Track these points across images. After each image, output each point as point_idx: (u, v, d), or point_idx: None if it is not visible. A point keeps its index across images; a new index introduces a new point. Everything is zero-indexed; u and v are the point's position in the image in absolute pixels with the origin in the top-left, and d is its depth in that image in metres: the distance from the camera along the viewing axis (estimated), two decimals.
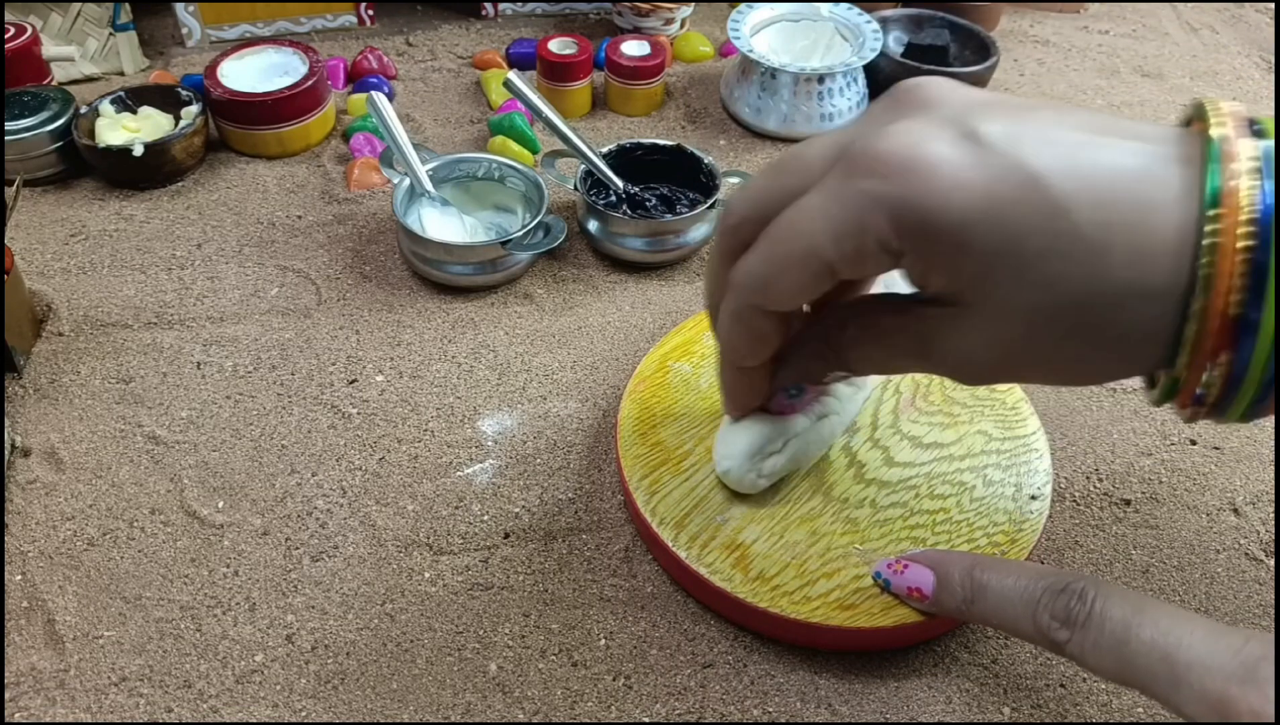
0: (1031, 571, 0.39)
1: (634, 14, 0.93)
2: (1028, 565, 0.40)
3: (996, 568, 0.40)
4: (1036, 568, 0.40)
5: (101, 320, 0.64)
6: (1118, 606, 0.34)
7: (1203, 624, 0.31)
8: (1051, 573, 0.38)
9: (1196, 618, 0.32)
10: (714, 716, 0.45)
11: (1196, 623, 0.32)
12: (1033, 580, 0.38)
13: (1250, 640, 0.29)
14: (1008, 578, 0.39)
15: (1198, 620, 0.32)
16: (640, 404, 0.56)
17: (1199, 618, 0.32)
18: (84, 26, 0.86)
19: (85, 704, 0.45)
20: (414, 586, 0.50)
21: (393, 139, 0.68)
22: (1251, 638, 0.29)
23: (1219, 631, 0.31)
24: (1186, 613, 0.32)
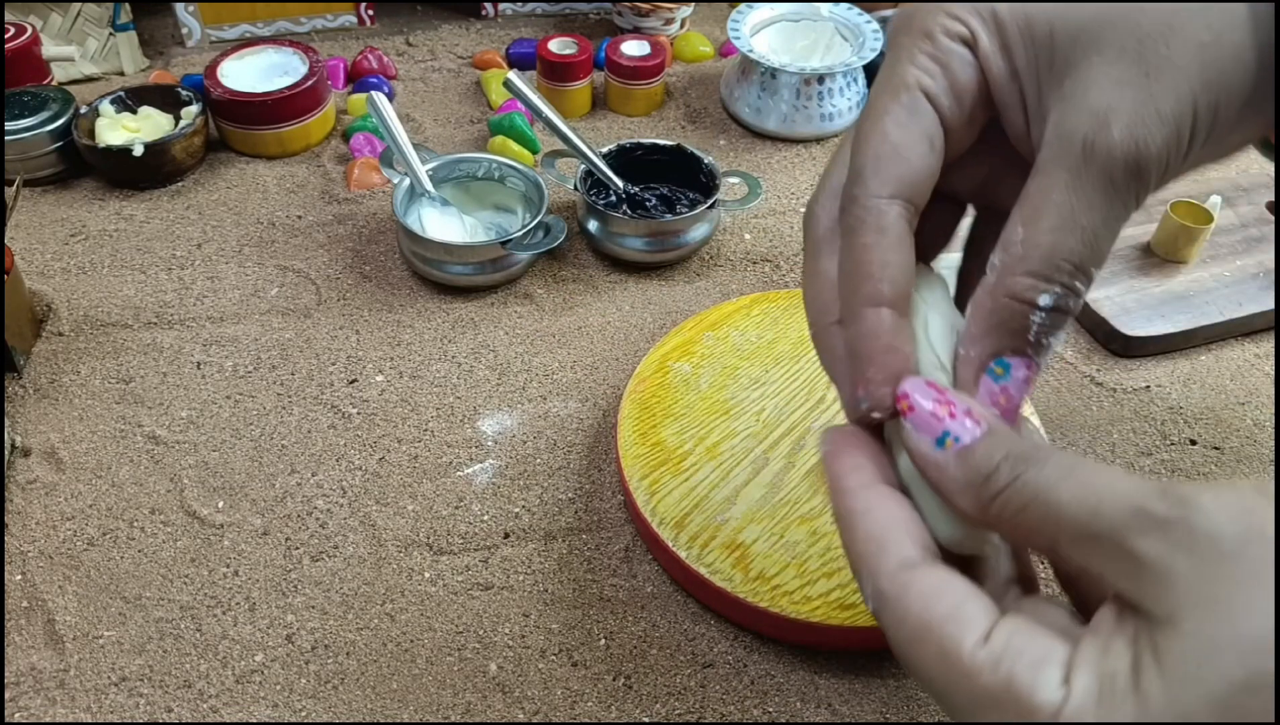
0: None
1: (634, 14, 0.93)
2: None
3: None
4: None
5: (101, 320, 0.64)
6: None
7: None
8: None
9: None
10: (714, 716, 0.45)
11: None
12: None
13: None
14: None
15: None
16: (640, 404, 0.56)
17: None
18: (84, 26, 0.86)
19: (85, 704, 0.45)
20: (414, 586, 0.50)
21: (393, 139, 0.68)
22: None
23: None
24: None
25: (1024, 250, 0.27)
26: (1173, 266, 0.70)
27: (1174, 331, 0.65)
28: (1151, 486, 0.23)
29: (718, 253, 0.72)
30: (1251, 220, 0.75)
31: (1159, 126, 0.26)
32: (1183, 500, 0.22)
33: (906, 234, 0.30)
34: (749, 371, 0.58)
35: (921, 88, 0.29)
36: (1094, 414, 0.61)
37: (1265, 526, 0.22)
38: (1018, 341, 0.28)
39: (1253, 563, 0.21)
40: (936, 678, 0.25)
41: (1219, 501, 0.22)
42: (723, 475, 0.52)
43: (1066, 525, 0.24)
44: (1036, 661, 0.24)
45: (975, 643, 0.25)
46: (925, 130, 0.29)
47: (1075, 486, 0.24)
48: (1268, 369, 0.65)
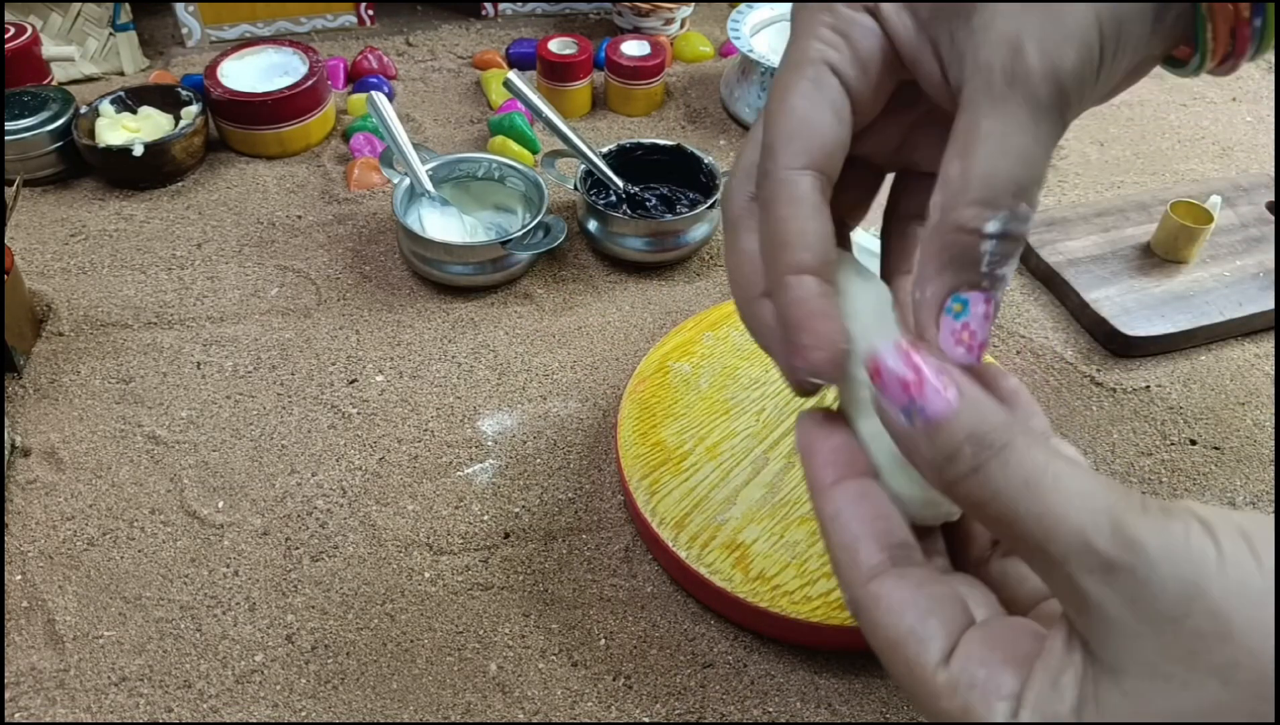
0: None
1: (634, 14, 0.93)
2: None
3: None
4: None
5: (101, 320, 0.64)
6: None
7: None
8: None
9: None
10: (714, 716, 0.45)
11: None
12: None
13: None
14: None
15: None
16: (640, 404, 0.56)
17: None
18: (84, 26, 0.86)
19: (85, 704, 0.45)
20: (414, 586, 0.50)
21: (393, 139, 0.68)
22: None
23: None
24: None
25: (963, 182, 0.27)
26: (1173, 266, 0.70)
27: (1174, 331, 0.65)
28: (1106, 516, 0.23)
29: (718, 253, 0.72)
30: (1251, 220, 0.75)
31: (1069, 44, 0.27)
32: (1130, 545, 0.22)
33: (821, 203, 0.30)
34: (749, 371, 0.58)
35: (825, 61, 0.30)
36: (1094, 414, 0.61)
37: (1209, 585, 0.21)
38: (971, 274, 0.28)
39: (1190, 634, 0.21)
40: (907, 689, 0.26)
41: (1168, 552, 0.22)
42: (723, 475, 0.52)
43: (1021, 537, 0.24)
44: (988, 694, 0.24)
45: (936, 664, 0.25)
46: (831, 102, 0.30)
47: (1032, 502, 0.24)
48: (1268, 369, 0.65)
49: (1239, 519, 0.22)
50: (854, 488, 0.29)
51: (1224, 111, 0.93)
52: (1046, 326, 0.67)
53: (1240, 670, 0.20)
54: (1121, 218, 0.74)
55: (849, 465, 0.30)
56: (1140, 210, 0.75)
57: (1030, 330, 0.67)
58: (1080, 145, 0.87)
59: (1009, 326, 0.67)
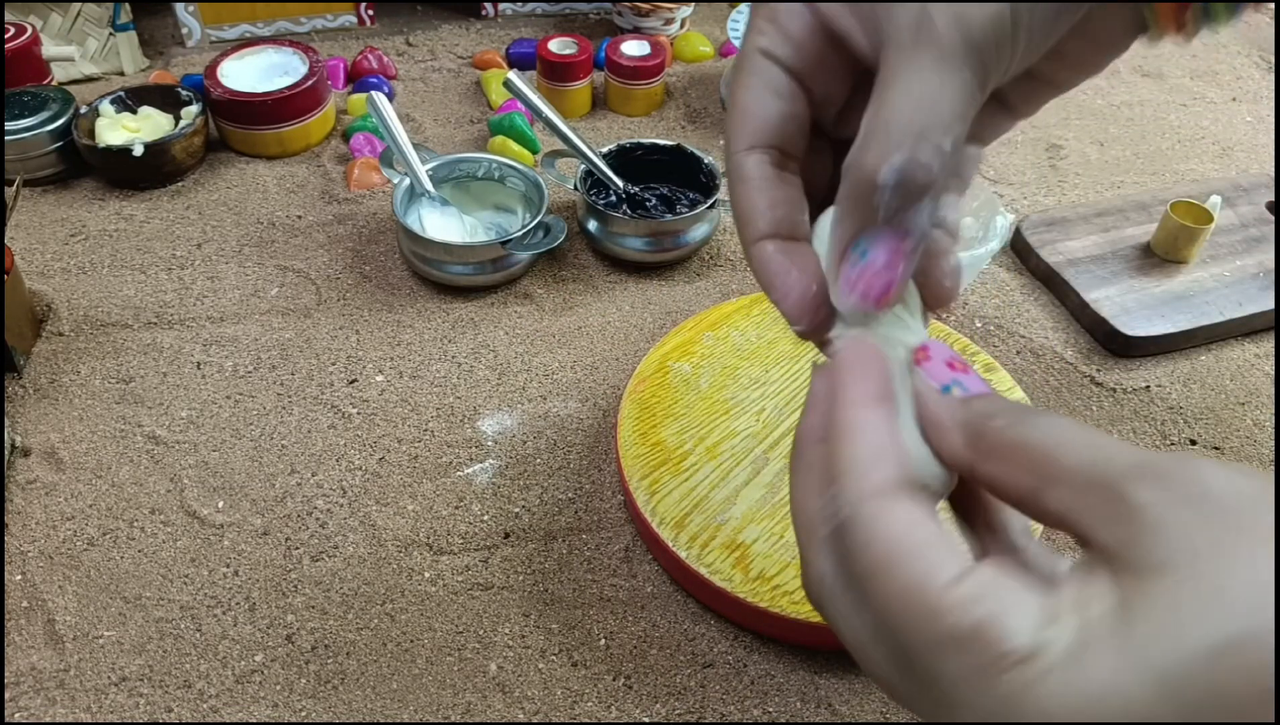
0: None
1: (634, 14, 0.93)
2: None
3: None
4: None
5: (101, 320, 0.64)
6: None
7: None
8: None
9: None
10: (714, 716, 0.45)
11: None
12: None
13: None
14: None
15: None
16: (640, 404, 0.56)
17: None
18: (84, 26, 0.86)
19: (85, 704, 0.45)
20: (414, 586, 0.50)
21: (393, 139, 0.68)
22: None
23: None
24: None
25: (867, 130, 0.28)
26: (1173, 266, 0.70)
27: (1174, 331, 0.65)
28: (1134, 449, 0.24)
29: (718, 253, 0.72)
30: (1251, 220, 0.75)
31: (976, 3, 0.28)
32: (1187, 459, 0.23)
33: (770, 176, 0.32)
34: (749, 371, 0.58)
35: (758, 49, 0.32)
36: (1094, 414, 0.61)
37: (1269, 494, 0.22)
38: (867, 218, 0.29)
39: (1256, 521, 0.21)
40: (895, 613, 0.25)
41: (1225, 467, 0.23)
42: (723, 475, 0.52)
43: (1061, 470, 0.24)
44: (1011, 606, 0.23)
45: (947, 581, 0.24)
46: (767, 83, 0.32)
47: (1078, 435, 0.25)
48: (1268, 369, 0.65)
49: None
50: (891, 416, 0.29)
51: (1224, 111, 0.93)
52: (1046, 326, 0.67)
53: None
54: (1121, 218, 0.74)
55: (890, 398, 0.29)
56: (1140, 210, 0.75)
57: (1030, 330, 0.67)
58: (1080, 145, 0.87)
59: (1009, 326, 0.67)
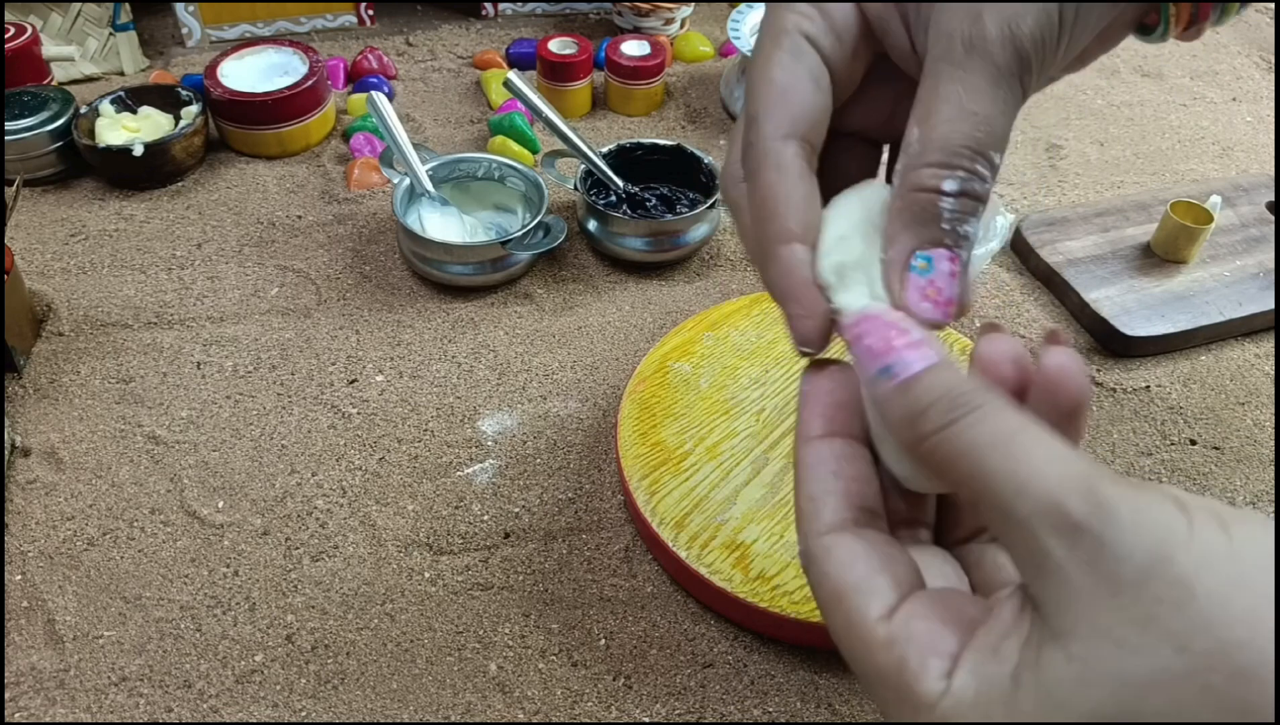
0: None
1: (634, 14, 0.93)
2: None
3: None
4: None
5: (101, 320, 0.64)
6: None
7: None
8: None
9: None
10: (714, 716, 0.45)
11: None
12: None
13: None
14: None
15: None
16: (640, 404, 0.56)
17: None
18: (84, 26, 0.86)
19: (85, 704, 0.45)
20: (414, 586, 0.50)
21: (393, 139, 0.68)
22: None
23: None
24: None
25: (921, 146, 0.28)
26: (1173, 266, 0.70)
27: (1174, 331, 0.65)
28: (1078, 479, 0.22)
29: (718, 253, 0.72)
30: (1251, 220, 0.75)
31: (1028, 11, 0.27)
32: (1100, 509, 0.22)
33: (806, 170, 0.30)
34: (749, 371, 0.58)
35: (801, 31, 0.30)
36: (1094, 414, 0.61)
37: (1175, 552, 0.21)
38: (933, 231, 0.28)
39: (1150, 599, 0.21)
40: (843, 644, 0.26)
41: (1138, 518, 0.21)
42: (723, 475, 0.52)
43: (988, 496, 0.24)
44: (925, 649, 0.24)
45: (878, 617, 0.25)
46: (809, 70, 0.30)
47: (1004, 458, 0.23)
48: (1268, 369, 0.65)
49: (1213, 504, 0.22)
50: (839, 447, 0.29)
51: (1224, 111, 0.93)
52: (1046, 326, 0.67)
53: (1196, 639, 0.20)
54: (1121, 218, 0.74)
55: (843, 424, 0.30)
56: (1140, 210, 0.75)
57: (1030, 330, 0.67)
58: (1080, 145, 0.87)
59: (1009, 326, 0.67)
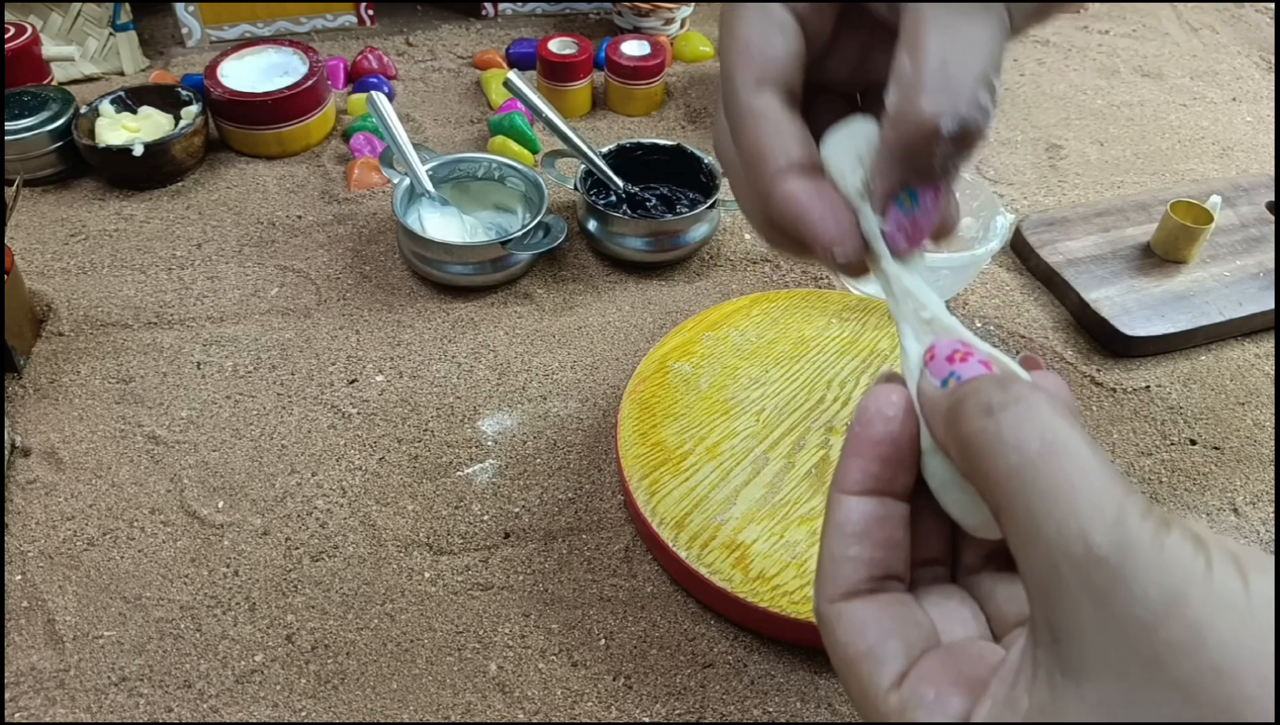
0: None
1: (634, 14, 0.93)
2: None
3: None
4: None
5: (101, 320, 0.64)
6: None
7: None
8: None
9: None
10: (714, 716, 0.45)
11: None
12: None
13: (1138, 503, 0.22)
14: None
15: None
16: (640, 404, 0.56)
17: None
18: (84, 26, 0.86)
19: (85, 704, 0.45)
20: (414, 586, 0.50)
21: (393, 139, 0.68)
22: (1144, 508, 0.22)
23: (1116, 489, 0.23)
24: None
25: (916, 75, 0.27)
26: (1173, 266, 0.70)
27: (1174, 331, 0.65)
28: (1110, 509, 0.22)
29: (718, 253, 0.72)
30: (1251, 220, 0.75)
31: None
32: (1122, 543, 0.21)
33: (787, 114, 0.30)
34: (749, 371, 0.58)
35: None
36: (1094, 414, 0.61)
37: (1191, 595, 0.20)
38: (925, 169, 0.28)
39: (1161, 642, 0.20)
40: (859, 710, 0.26)
41: (1157, 556, 0.21)
42: (723, 475, 0.52)
43: (1016, 506, 0.23)
44: (934, 714, 0.24)
45: (889, 685, 0.25)
46: (776, 23, 0.30)
47: (1040, 466, 0.22)
48: (1268, 369, 0.65)
49: (1232, 545, 0.22)
50: (873, 507, 0.28)
51: (1224, 111, 0.93)
52: (1046, 326, 0.67)
53: (1204, 689, 0.20)
54: (1121, 218, 0.74)
55: (886, 480, 0.28)
56: (1140, 210, 0.75)
57: (1030, 330, 0.67)
58: (1080, 145, 0.87)
59: (1009, 326, 0.67)
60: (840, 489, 0.28)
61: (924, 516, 0.30)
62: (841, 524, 0.28)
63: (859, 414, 0.29)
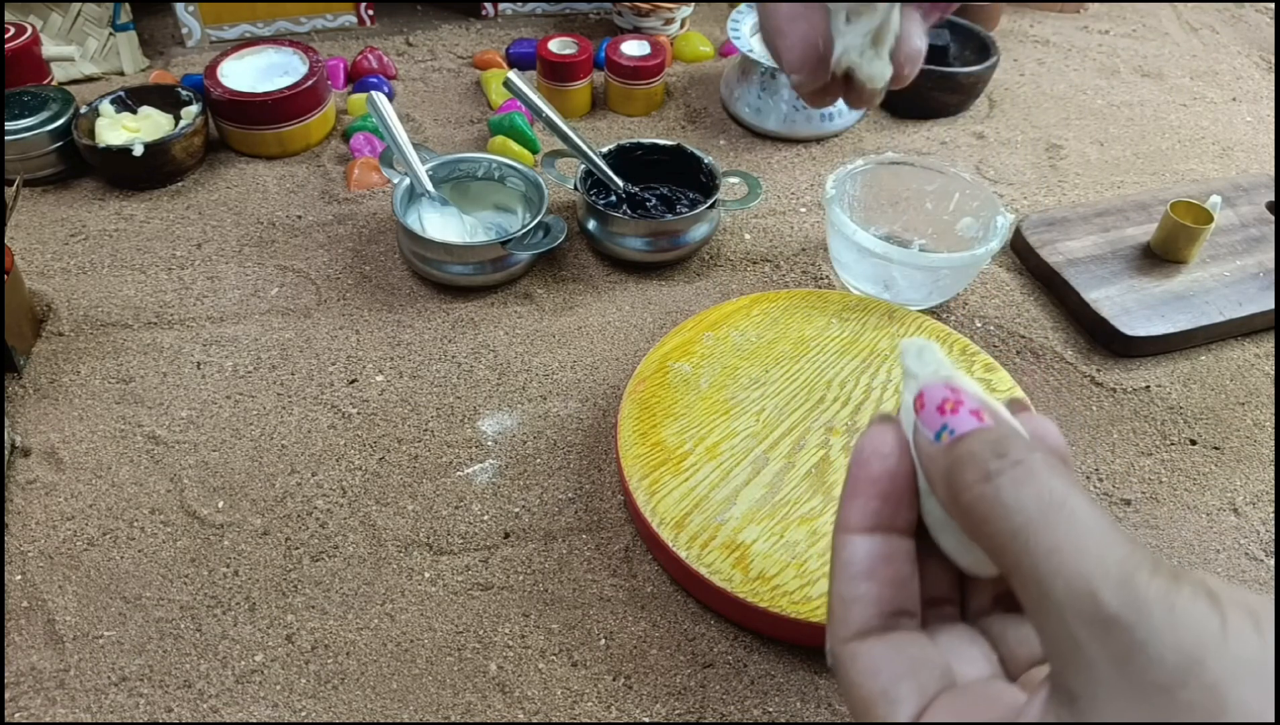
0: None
1: (634, 14, 0.93)
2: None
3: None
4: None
5: (101, 320, 0.64)
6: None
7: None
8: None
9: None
10: (714, 716, 0.45)
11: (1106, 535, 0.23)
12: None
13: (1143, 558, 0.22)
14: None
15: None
16: (640, 404, 0.56)
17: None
18: (84, 26, 0.86)
19: (85, 704, 0.45)
20: (414, 586, 0.50)
21: (393, 139, 0.68)
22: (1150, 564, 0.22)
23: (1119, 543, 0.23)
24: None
25: None
26: (1173, 266, 0.70)
27: (1174, 331, 0.65)
28: (1117, 566, 0.21)
29: (718, 253, 0.72)
30: (1251, 220, 0.75)
31: None
32: (1135, 603, 0.21)
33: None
34: (749, 371, 0.58)
35: None
36: (1094, 414, 0.61)
37: (1208, 658, 0.20)
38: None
39: (1181, 706, 0.20)
40: None
41: (1172, 617, 0.21)
42: (723, 475, 0.52)
43: (1024, 569, 0.23)
44: None
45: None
46: None
47: (1043, 530, 0.22)
48: (1268, 369, 0.65)
49: (1247, 596, 0.21)
50: (879, 545, 0.28)
51: (1224, 111, 0.93)
52: (1046, 326, 0.67)
53: None
54: (1121, 218, 0.74)
55: (888, 518, 0.28)
56: (1140, 210, 0.75)
57: (1030, 330, 0.67)
58: (1080, 145, 0.87)
59: (1009, 326, 0.67)
60: (844, 530, 0.28)
61: (931, 557, 0.30)
62: (848, 563, 0.28)
63: (855, 455, 0.29)
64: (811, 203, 0.77)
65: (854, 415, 0.56)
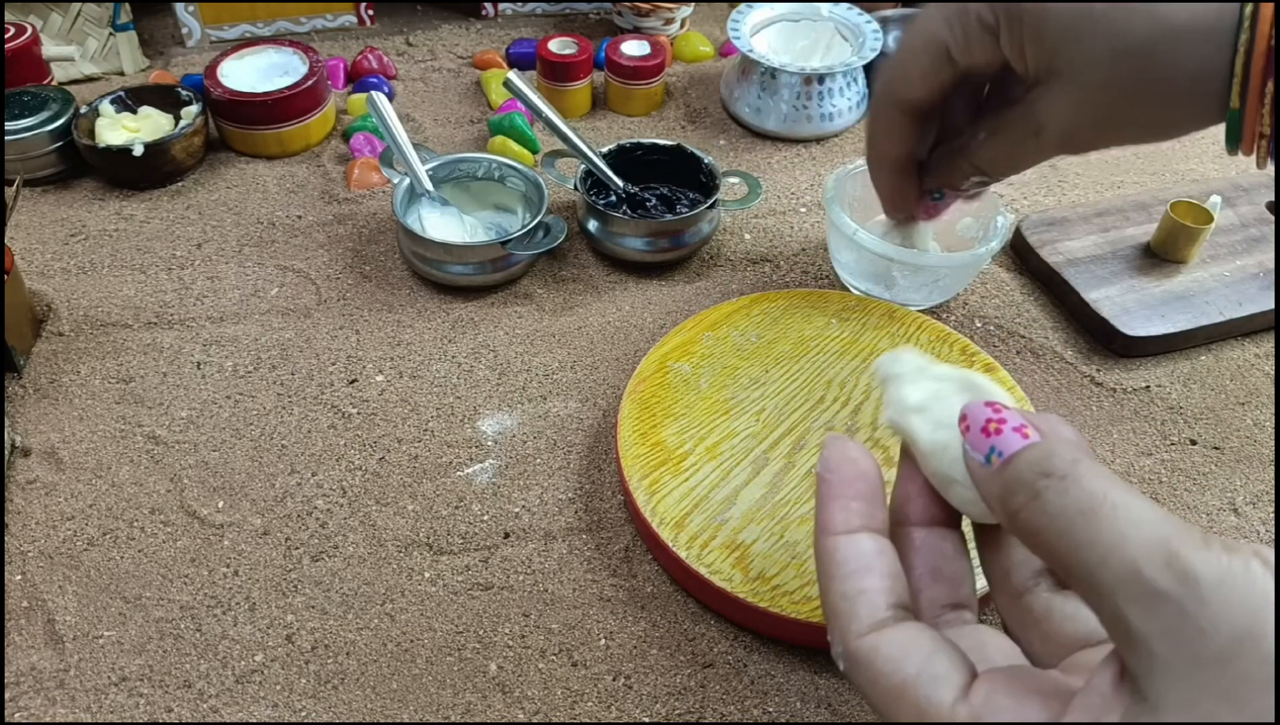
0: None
1: (634, 14, 0.93)
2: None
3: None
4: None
5: (101, 320, 0.64)
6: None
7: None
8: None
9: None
10: (714, 716, 0.45)
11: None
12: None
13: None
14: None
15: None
16: (640, 404, 0.56)
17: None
18: (84, 26, 0.86)
19: (85, 704, 0.45)
20: (414, 586, 0.50)
21: (393, 139, 0.68)
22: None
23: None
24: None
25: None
26: (1173, 266, 0.70)
27: (1174, 331, 0.65)
28: (1160, 544, 0.22)
29: (718, 253, 0.72)
30: (1251, 220, 0.75)
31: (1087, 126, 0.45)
32: (1184, 577, 0.21)
33: (912, 126, 0.52)
34: (749, 371, 0.58)
35: (948, 54, 0.46)
36: (1094, 414, 0.61)
37: (1264, 628, 0.20)
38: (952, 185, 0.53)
39: (1236, 677, 0.20)
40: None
41: (1222, 588, 0.21)
42: (723, 475, 0.52)
43: (1075, 567, 0.23)
44: (1022, 717, 0.24)
45: (954, 699, 0.25)
46: (943, 74, 0.48)
47: (1087, 527, 0.23)
48: (1268, 369, 0.65)
49: None
50: (867, 543, 0.29)
51: None
52: (1046, 326, 0.67)
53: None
54: (1121, 218, 0.74)
55: (868, 518, 0.29)
56: (1140, 210, 0.75)
57: (1030, 330, 0.67)
58: None
59: (1009, 326, 0.67)
60: (830, 533, 0.29)
61: (948, 560, 0.30)
62: (843, 563, 0.28)
63: (824, 463, 0.30)
64: (811, 203, 0.77)
65: (854, 415, 0.56)
